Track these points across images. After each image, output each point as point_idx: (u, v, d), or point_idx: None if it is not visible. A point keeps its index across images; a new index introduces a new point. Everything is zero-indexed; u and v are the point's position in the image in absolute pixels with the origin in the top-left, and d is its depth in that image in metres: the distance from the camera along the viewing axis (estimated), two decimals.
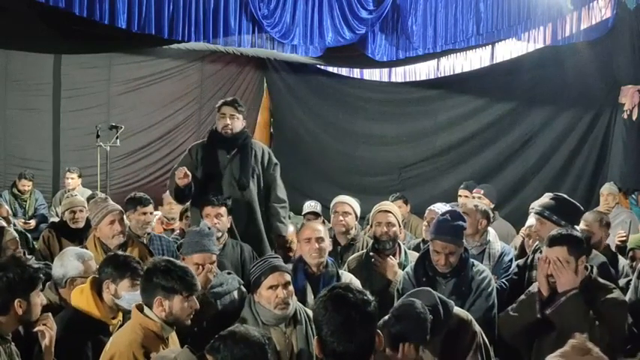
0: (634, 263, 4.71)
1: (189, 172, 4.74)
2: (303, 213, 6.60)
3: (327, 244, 3.99)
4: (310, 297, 3.76)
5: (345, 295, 2.11)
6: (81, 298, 3.26)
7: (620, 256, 4.84)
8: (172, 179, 4.94)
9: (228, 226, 4.70)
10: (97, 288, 3.28)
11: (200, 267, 3.70)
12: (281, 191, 5.25)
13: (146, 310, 2.97)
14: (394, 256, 4.43)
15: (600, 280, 3.48)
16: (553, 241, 3.37)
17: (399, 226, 4.51)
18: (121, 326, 3.27)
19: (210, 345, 2.52)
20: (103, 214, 4.45)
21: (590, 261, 3.77)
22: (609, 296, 3.34)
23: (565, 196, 4.24)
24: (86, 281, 3.37)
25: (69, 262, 3.60)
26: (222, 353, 2.46)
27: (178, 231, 6.12)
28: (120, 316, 3.35)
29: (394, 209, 4.64)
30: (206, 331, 3.28)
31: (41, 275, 3.00)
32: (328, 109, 10.21)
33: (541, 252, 3.65)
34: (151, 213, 5.07)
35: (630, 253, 4.80)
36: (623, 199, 7.52)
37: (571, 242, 3.34)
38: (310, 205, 6.55)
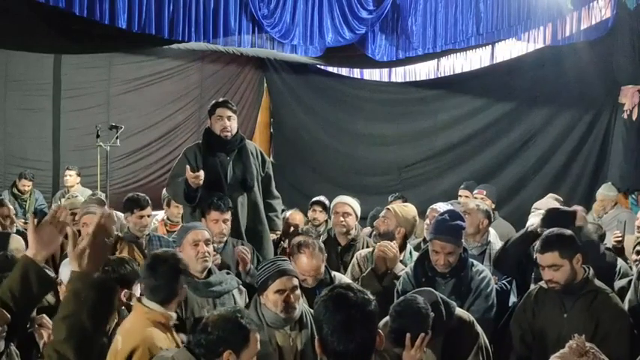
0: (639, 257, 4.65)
1: (202, 172, 4.68)
2: (310, 202, 6.33)
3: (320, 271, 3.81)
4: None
5: (346, 294, 2.10)
6: None
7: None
8: (174, 184, 4.86)
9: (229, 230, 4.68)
10: None
11: (196, 245, 3.79)
12: (274, 188, 5.31)
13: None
14: (399, 252, 4.43)
15: (596, 282, 3.49)
16: (544, 247, 3.40)
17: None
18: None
19: None
20: (80, 216, 4.51)
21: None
22: (610, 309, 3.36)
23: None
24: None
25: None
26: None
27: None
28: None
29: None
30: None
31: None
32: (328, 109, 10.19)
33: None
34: (149, 216, 5.01)
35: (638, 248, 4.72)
36: (623, 199, 7.51)
37: (561, 245, 3.37)
38: (320, 198, 6.25)
